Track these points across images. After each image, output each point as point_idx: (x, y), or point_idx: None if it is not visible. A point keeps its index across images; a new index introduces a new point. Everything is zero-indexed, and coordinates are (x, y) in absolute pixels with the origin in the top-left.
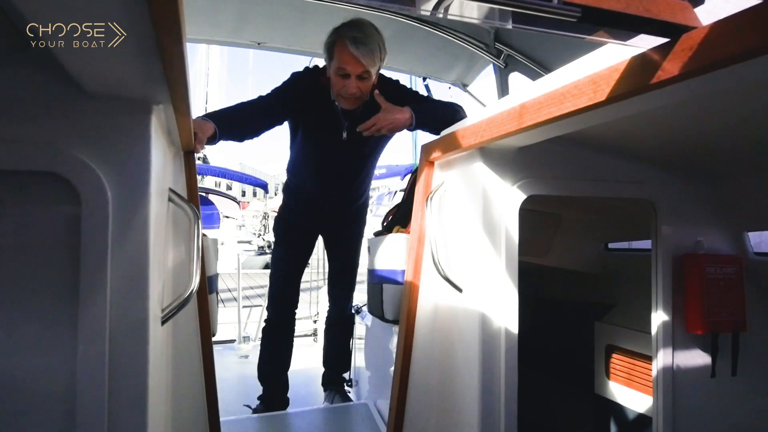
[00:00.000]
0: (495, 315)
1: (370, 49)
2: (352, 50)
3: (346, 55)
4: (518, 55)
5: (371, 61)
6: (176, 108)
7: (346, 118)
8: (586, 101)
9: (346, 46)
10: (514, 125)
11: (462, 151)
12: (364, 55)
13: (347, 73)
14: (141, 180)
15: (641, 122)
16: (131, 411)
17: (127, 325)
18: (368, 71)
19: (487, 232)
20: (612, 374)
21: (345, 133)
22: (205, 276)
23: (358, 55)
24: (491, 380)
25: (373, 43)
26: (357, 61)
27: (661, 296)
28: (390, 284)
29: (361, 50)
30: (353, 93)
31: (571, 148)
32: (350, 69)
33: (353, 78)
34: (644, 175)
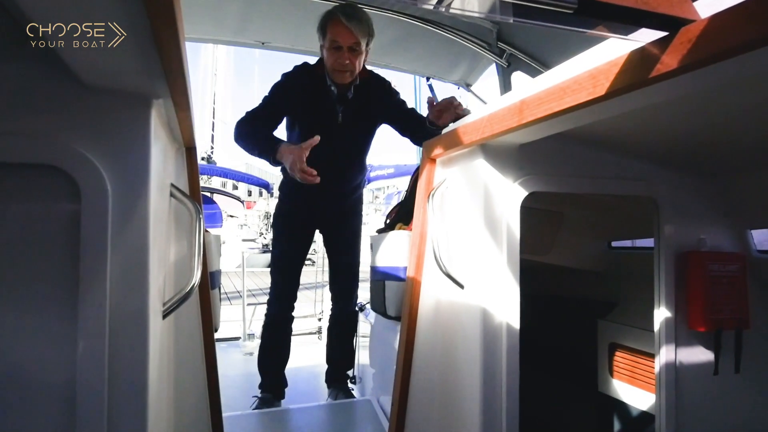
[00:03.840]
0: (496, 311)
1: (361, 20)
2: (344, 21)
3: (338, 27)
4: (521, 54)
5: (362, 32)
6: (176, 103)
7: (340, 102)
8: (585, 96)
9: (338, 19)
10: (514, 121)
11: (463, 147)
12: (355, 26)
13: (340, 45)
14: (141, 174)
15: (642, 118)
16: (131, 403)
17: (126, 318)
18: (359, 42)
19: (488, 228)
20: (615, 372)
21: (340, 117)
22: (207, 271)
23: (349, 26)
24: (492, 376)
25: (363, 16)
26: (349, 31)
27: (664, 293)
28: (392, 281)
29: (353, 22)
30: (346, 64)
31: (573, 145)
32: (342, 40)
33: (345, 49)
34: (646, 172)
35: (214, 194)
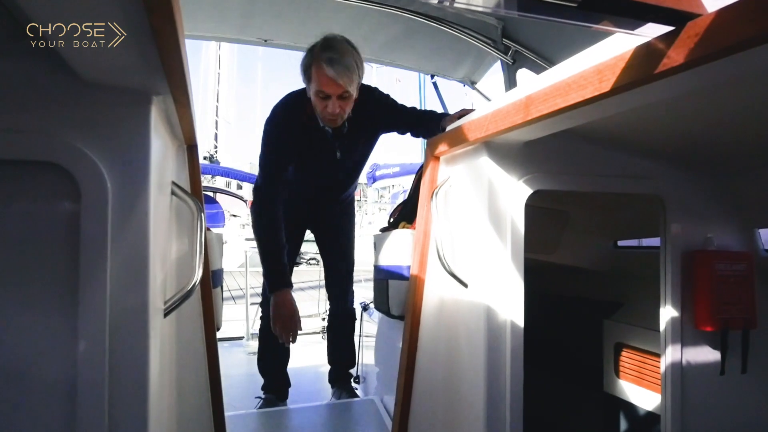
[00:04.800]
0: (500, 309)
1: (346, 67)
2: (329, 72)
3: (323, 78)
4: (526, 51)
5: (349, 80)
6: (176, 99)
7: (336, 138)
8: (591, 92)
9: (322, 68)
10: (519, 117)
11: (468, 145)
12: (341, 76)
13: (327, 94)
14: (141, 171)
15: (648, 115)
16: (132, 401)
17: (127, 316)
18: (347, 90)
19: (493, 226)
20: (621, 372)
21: (338, 153)
22: (209, 270)
23: (335, 77)
24: (497, 375)
25: (348, 60)
26: (335, 82)
27: (670, 293)
28: (395, 280)
29: (338, 70)
30: (336, 113)
31: (578, 143)
32: (330, 90)
33: (334, 98)
34: (652, 171)
35: (216, 194)
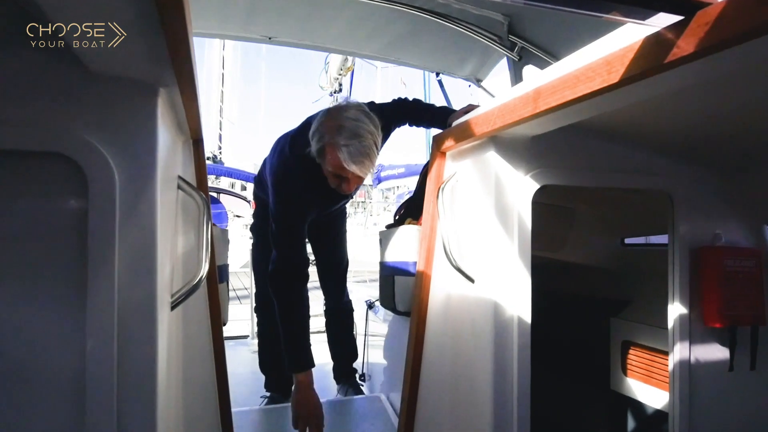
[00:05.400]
0: (508, 305)
1: (365, 155)
2: (347, 164)
3: (339, 166)
4: (532, 47)
5: (368, 168)
6: (183, 91)
7: None
8: (599, 83)
9: (338, 157)
10: (527, 111)
11: (474, 140)
12: (359, 166)
13: (343, 176)
14: (148, 162)
15: (656, 110)
16: (141, 394)
17: (135, 308)
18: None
19: (500, 221)
20: (629, 370)
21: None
22: (215, 264)
23: (354, 169)
24: (504, 370)
25: (367, 145)
26: (352, 171)
27: (678, 289)
28: (402, 276)
29: (356, 161)
30: (352, 191)
31: (586, 138)
32: (346, 174)
33: (351, 179)
34: (660, 166)
35: (220, 194)
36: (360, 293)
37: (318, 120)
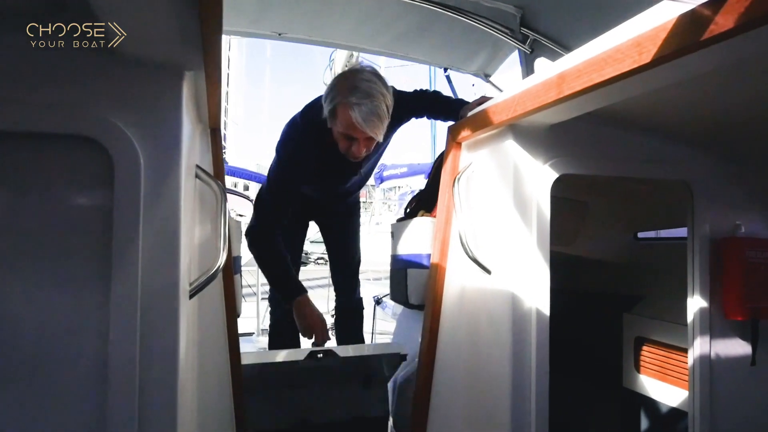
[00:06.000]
0: (526, 296)
1: (378, 115)
2: (358, 121)
3: (350, 123)
4: (545, 40)
5: (378, 127)
6: (208, 75)
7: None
8: (629, 65)
9: (349, 114)
10: (550, 96)
11: (492, 129)
12: (371, 126)
13: (353, 137)
14: (173, 147)
15: (677, 97)
16: (162, 379)
17: (158, 294)
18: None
19: (518, 211)
20: (642, 367)
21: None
22: (232, 255)
23: (364, 127)
24: (522, 362)
25: (379, 106)
26: (364, 132)
27: (698, 282)
28: (415, 268)
29: (368, 120)
30: (361, 154)
31: (605, 127)
32: (357, 135)
33: (361, 140)
34: (680, 156)
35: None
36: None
37: (332, 82)
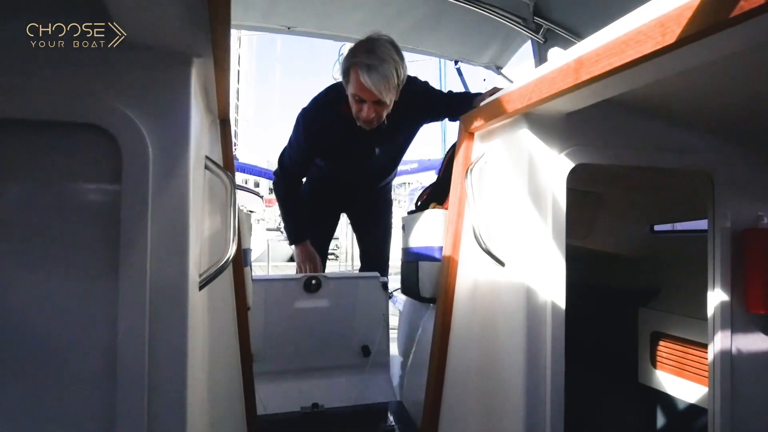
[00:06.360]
0: (541, 288)
1: (384, 76)
2: (365, 80)
3: (359, 84)
4: (558, 29)
5: (385, 90)
6: (217, 61)
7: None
8: (651, 46)
9: (359, 74)
10: (567, 82)
11: (506, 118)
12: (377, 85)
13: (363, 99)
14: (181, 134)
15: (698, 82)
16: (171, 369)
17: (167, 285)
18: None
19: (532, 201)
20: (659, 362)
21: (377, 150)
22: (241, 246)
23: (370, 86)
24: (537, 356)
25: (387, 68)
26: (370, 91)
27: (719, 275)
28: (426, 261)
29: (374, 79)
30: (370, 118)
31: (622, 115)
32: (365, 96)
33: (369, 104)
34: (701, 144)
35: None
36: None
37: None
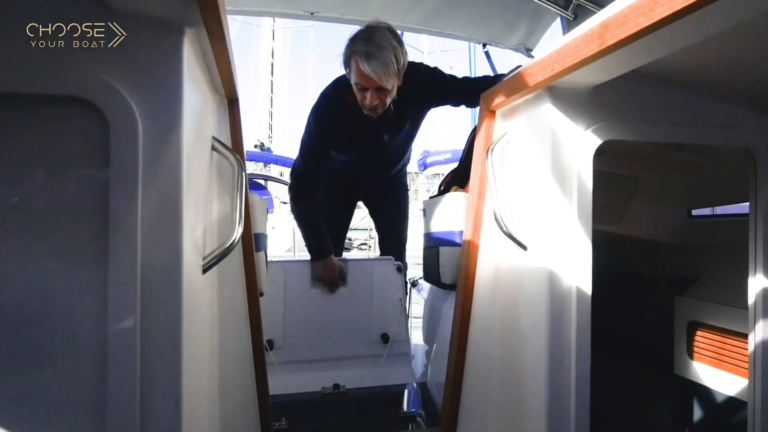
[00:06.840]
0: (565, 272)
1: (383, 63)
2: (364, 67)
3: (359, 71)
4: (589, 4)
5: (385, 76)
6: (210, 32)
7: (382, 122)
8: (684, 1)
9: (358, 62)
10: (592, 49)
11: (528, 92)
12: (377, 72)
13: (365, 87)
14: (173, 109)
15: (743, 46)
16: (164, 352)
17: (159, 265)
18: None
19: (556, 181)
20: (696, 353)
21: (386, 136)
22: (251, 230)
23: (370, 73)
24: (561, 344)
25: (386, 55)
26: (370, 78)
27: (761, 262)
28: (447, 246)
29: (373, 66)
30: (373, 105)
31: (654, 87)
32: (366, 84)
33: (372, 91)
34: (741, 119)
35: (267, 181)
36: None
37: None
